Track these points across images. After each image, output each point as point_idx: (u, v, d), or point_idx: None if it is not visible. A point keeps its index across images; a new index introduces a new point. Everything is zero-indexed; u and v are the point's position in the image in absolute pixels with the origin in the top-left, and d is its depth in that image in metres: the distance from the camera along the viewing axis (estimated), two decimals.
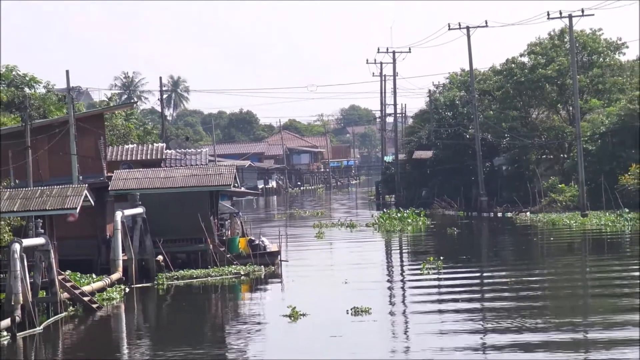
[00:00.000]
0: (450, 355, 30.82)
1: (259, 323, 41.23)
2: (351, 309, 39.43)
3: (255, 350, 35.03)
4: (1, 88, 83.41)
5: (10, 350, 35.70)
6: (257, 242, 59.58)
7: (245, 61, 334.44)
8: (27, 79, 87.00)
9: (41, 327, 38.90)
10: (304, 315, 39.02)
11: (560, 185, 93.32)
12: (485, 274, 53.37)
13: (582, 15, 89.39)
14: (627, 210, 78.31)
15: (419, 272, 53.88)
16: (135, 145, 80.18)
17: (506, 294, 44.86)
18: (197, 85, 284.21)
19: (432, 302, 43.67)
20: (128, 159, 71.35)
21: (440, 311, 40.40)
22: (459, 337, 34.16)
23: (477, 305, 42.92)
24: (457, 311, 40.16)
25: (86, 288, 45.53)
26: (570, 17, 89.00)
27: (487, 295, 45.60)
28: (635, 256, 58.40)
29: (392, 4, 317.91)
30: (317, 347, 33.78)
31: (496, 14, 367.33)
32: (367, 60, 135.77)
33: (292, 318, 38.83)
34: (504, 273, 53.27)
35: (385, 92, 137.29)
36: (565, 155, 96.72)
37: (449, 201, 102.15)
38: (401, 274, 57.10)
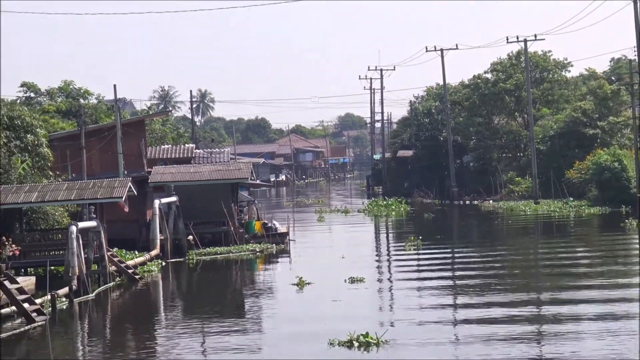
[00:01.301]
0: (427, 312, 30.97)
1: (271, 290, 41.40)
2: (348, 279, 39.53)
3: (270, 312, 35.19)
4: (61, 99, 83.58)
5: (68, 313, 35.87)
6: (269, 224, 59.65)
7: (260, 75, 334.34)
8: (82, 91, 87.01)
9: (93, 294, 39.05)
10: (309, 283, 39.16)
11: (517, 179, 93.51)
12: (455, 251, 53.58)
13: (535, 40, 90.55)
14: (571, 199, 78.49)
15: (402, 249, 53.90)
16: (169, 145, 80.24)
17: (472, 266, 45.00)
18: (220, 97, 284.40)
19: (413, 272, 43.84)
20: (164, 157, 71.50)
21: (419, 279, 40.60)
22: (434, 299, 34.52)
23: (449, 274, 43.13)
24: (431, 279, 40.39)
25: (130, 262, 45.68)
26: (525, 41, 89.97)
27: (456, 267, 45.88)
28: (577, 236, 58.58)
29: (380, 29, 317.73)
30: (321, 309, 33.87)
31: (466, 37, 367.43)
32: (359, 77, 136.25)
33: (299, 286, 38.94)
34: (471, 250, 53.44)
35: (374, 102, 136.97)
36: (521, 154, 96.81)
37: (426, 191, 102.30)
38: (387, 251, 57.15)
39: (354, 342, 26.13)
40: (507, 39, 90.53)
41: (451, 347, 26.24)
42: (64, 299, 36.87)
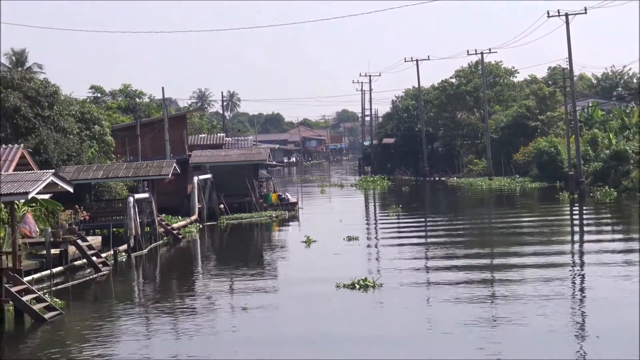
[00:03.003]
0: (407, 264, 30.96)
1: (285, 246, 41.47)
2: (345, 237, 39.45)
3: (284, 262, 35.26)
4: (121, 98, 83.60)
5: (127, 264, 35.96)
6: (283, 196, 59.65)
7: (276, 79, 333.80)
8: (137, 92, 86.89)
9: (146, 250, 39.12)
10: (314, 241, 39.08)
11: (475, 160, 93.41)
12: (427, 217, 53.57)
13: (490, 52, 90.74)
14: (517, 176, 78.40)
15: (386, 214, 53.97)
16: (205, 135, 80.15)
17: (440, 229, 45.03)
18: (245, 96, 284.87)
19: (395, 233, 43.77)
20: (201, 143, 71.41)
21: (400, 237, 40.60)
22: (412, 253, 34.39)
23: (422, 234, 43.17)
24: (409, 238, 40.38)
25: (174, 225, 45.74)
26: (482, 53, 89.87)
27: (428, 229, 45.84)
28: (522, 206, 58.57)
29: (369, 44, 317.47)
30: (325, 260, 33.87)
31: (436, 50, 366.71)
32: (353, 81, 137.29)
33: (307, 243, 38.90)
34: (439, 216, 53.49)
35: (364, 101, 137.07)
36: (479, 141, 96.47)
37: (405, 170, 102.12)
38: (375, 216, 57.20)
39: (355, 285, 26.22)
40: (468, 51, 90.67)
41: (425, 289, 26.37)
42: (123, 254, 36.96)
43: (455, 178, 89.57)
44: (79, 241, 33.11)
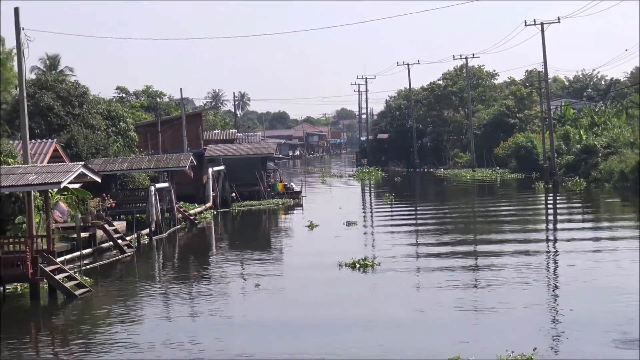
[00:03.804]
0: (400, 247, 30.95)
1: (290, 230, 41.39)
2: (345, 222, 39.41)
3: (289, 244, 35.25)
4: (144, 98, 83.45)
5: (148, 245, 35.94)
6: (288, 185, 59.62)
7: (282, 81, 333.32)
8: (158, 92, 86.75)
9: (166, 233, 39.05)
10: (317, 226, 39.07)
11: (460, 154, 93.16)
12: (417, 204, 53.53)
13: (473, 57, 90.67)
14: (498, 168, 78.28)
15: (381, 202, 54.01)
16: (219, 130, 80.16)
17: (429, 215, 44.89)
18: (255, 96, 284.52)
19: (389, 219, 43.67)
20: (215, 138, 71.44)
21: (392, 224, 40.52)
22: (404, 237, 34.35)
23: (413, 220, 43.05)
24: (402, 224, 40.32)
25: (191, 211, 45.66)
26: (466, 58, 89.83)
27: (418, 216, 45.75)
28: (502, 194, 58.46)
29: (366, 50, 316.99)
30: (326, 242, 33.80)
31: (425, 55, 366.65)
32: (351, 83, 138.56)
33: (310, 227, 38.87)
34: (428, 204, 53.44)
35: (361, 101, 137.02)
36: (463, 137, 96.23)
37: (397, 163, 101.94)
38: (370, 204, 57.18)
39: (356, 264, 26.12)
40: (454, 56, 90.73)
41: (415, 266, 26.32)
42: (145, 237, 36.97)
43: (442, 170, 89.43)
44: (106, 226, 33.07)
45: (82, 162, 28.13)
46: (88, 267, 28.72)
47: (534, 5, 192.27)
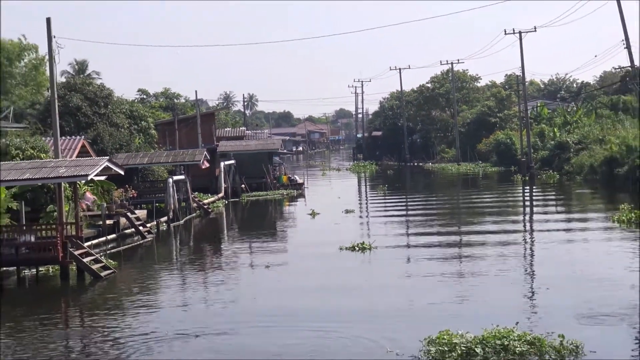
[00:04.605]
0: (393, 232, 30.95)
1: (294, 218, 41.37)
2: (344, 210, 39.43)
3: (291, 230, 35.19)
4: (162, 99, 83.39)
5: (167, 231, 35.90)
6: (292, 177, 59.56)
7: (287, 83, 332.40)
8: (175, 94, 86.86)
9: (182, 221, 38.99)
10: (318, 214, 39.03)
11: (446, 149, 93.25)
12: (408, 195, 53.44)
13: (458, 62, 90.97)
14: (480, 162, 78.42)
15: (375, 193, 53.98)
16: (230, 128, 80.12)
17: (418, 205, 44.81)
18: (262, 97, 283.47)
19: (382, 208, 43.64)
20: (226, 135, 71.38)
21: (385, 213, 40.49)
22: (396, 225, 34.29)
23: (403, 209, 43.01)
24: (394, 214, 40.34)
25: (205, 201, 45.64)
26: (452, 63, 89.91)
27: (409, 205, 45.70)
28: (484, 186, 58.38)
29: (362, 56, 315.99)
30: (327, 228, 33.72)
31: (416, 60, 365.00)
32: (348, 85, 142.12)
33: (312, 215, 38.85)
34: (417, 195, 53.31)
35: (357, 101, 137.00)
36: (449, 134, 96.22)
37: (390, 157, 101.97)
38: (366, 194, 57.14)
39: (355, 247, 26.10)
40: (441, 62, 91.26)
41: (406, 249, 26.26)
42: (164, 224, 36.93)
43: (430, 164, 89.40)
44: (129, 214, 33.05)
45: (107, 157, 28.09)
46: (112, 251, 28.67)
47: (514, 15, 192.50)
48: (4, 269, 23.86)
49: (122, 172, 27.64)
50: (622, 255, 22.85)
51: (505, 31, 65.22)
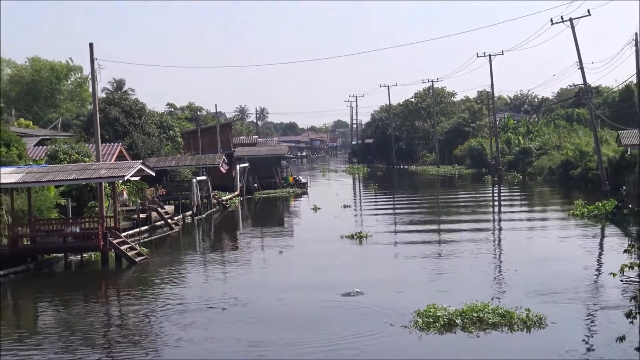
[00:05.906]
0: (384, 225, 30.85)
1: (299, 212, 41.20)
2: (342, 206, 39.32)
3: (297, 222, 35.04)
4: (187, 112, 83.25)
5: (191, 224, 35.83)
6: (297, 178, 59.47)
7: (294, 98, 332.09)
8: (198, 107, 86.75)
9: (204, 215, 38.90)
10: (320, 209, 38.92)
11: (427, 154, 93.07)
12: (395, 194, 53.26)
13: (438, 81, 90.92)
14: (456, 165, 78.29)
15: (368, 191, 53.82)
16: (244, 137, 79.72)
17: (403, 201, 44.66)
18: (272, 110, 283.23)
19: (374, 204, 43.53)
20: (241, 142, 71.05)
21: (377, 207, 40.42)
22: (386, 218, 34.19)
23: (391, 204, 42.90)
24: (384, 208, 40.22)
25: (223, 198, 45.45)
26: (432, 81, 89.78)
27: (396, 201, 45.52)
28: (460, 185, 58.24)
29: (355, 75, 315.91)
30: (328, 221, 33.45)
31: (401, 78, 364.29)
32: (344, 100, 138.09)
33: (315, 210, 38.74)
34: (403, 193, 53.15)
35: (352, 114, 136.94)
36: (430, 141, 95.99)
37: (380, 161, 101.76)
38: (360, 192, 56.92)
39: (354, 236, 26.09)
40: (423, 80, 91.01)
41: (396, 238, 26.20)
42: (188, 217, 36.84)
43: (414, 166, 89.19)
44: (159, 209, 33.00)
45: (141, 161, 28.04)
46: (145, 240, 28.65)
47: (484, 40, 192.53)
48: (54, 255, 23.90)
49: (153, 174, 27.59)
50: (575, 242, 22.93)
51: (477, 54, 65.39)
